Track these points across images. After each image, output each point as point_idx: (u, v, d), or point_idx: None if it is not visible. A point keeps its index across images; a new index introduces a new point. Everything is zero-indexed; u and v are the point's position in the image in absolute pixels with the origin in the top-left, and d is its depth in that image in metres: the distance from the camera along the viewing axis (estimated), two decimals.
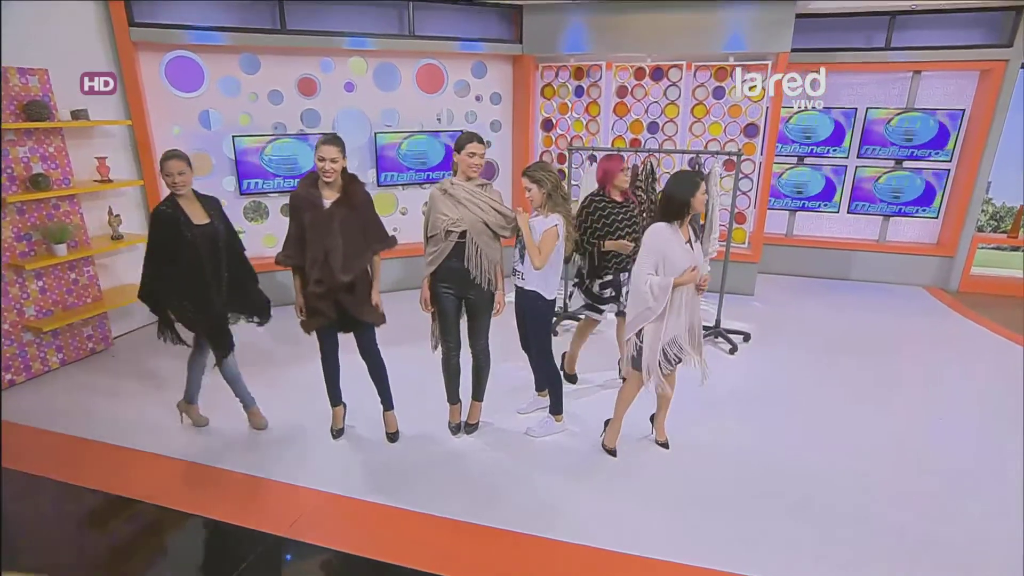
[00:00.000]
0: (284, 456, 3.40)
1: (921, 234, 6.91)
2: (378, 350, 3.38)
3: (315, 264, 3.04)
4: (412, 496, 3.05)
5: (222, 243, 3.20)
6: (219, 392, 3.59)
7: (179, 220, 3.07)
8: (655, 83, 6.03)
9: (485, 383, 3.57)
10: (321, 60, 5.57)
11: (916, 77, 6.40)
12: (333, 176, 3.01)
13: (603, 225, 3.72)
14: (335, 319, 3.18)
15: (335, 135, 3.08)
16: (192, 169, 3.15)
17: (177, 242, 3.07)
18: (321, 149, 2.98)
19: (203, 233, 3.12)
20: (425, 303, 3.33)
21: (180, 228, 3.06)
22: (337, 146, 3.00)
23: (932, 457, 3.43)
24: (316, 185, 3.07)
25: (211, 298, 3.22)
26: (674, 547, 2.70)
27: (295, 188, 3.14)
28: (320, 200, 3.05)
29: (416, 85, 6.03)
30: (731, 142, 5.90)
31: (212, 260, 3.16)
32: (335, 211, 3.04)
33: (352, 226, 3.08)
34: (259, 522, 2.87)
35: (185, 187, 3.10)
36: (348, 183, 3.10)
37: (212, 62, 5.16)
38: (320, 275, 3.05)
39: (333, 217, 3.03)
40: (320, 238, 3.02)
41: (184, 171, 3.06)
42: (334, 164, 2.99)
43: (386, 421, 3.57)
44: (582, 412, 3.79)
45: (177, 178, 3.05)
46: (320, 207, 3.04)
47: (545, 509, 2.97)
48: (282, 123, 5.59)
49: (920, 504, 3.01)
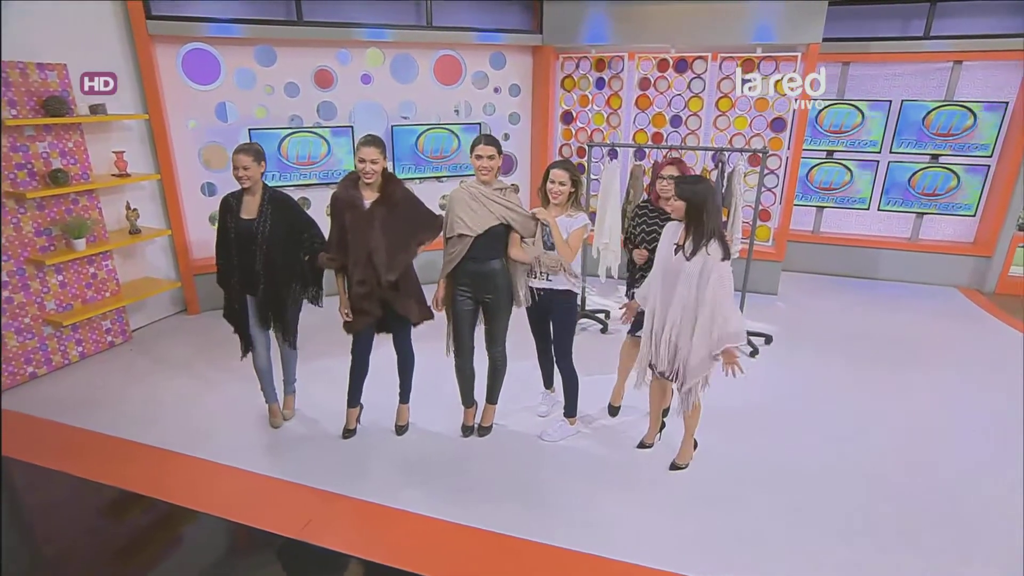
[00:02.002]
0: (297, 455, 3.40)
1: (957, 232, 6.62)
2: (411, 346, 3.44)
3: (358, 264, 3.08)
4: (423, 499, 3.03)
5: (262, 240, 3.18)
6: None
7: (230, 210, 3.21)
8: (679, 75, 5.85)
9: (500, 386, 3.53)
10: (338, 52, 5.51)
11: (956, 68, 6.09)
12: (374, 177, 3.05)
13: (640, 232, 3.45)
14: (381, 317, 3.22)
15: (375, 136, 3.10)
16: (261, 164, 3.17)
17: (224, 231, 3.24)
18: (362, 151, 3.02)
19: (244, 227, 3.19)
20: (438, 303, 3.28)
21: (227, 218, 3.22)
22: (378, 147, 3.03)
23: (955, 466, 3.29)
24: (356, 186, 3.12)
25: (234, 290, 3.32)
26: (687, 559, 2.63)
27: (335, 189, 3.20)
28: (360, 200, 3.09)
29: (434, 77, 5.94)
30: (756, 136, 5.70)
31: (245, 254, 3.21)
32: (376, 211, 3.08)
33: (394, 224, 3.10)
34: (271, 523, 2.87)
35: (249, 181, 3.13)
36: (387, 182, 3.12)
37: (228, 54, 5.13)
38: (363, 275, 3.08)
39: (374, 217, 3.07)
40: (362, 238, 3.06)
41: (248, 166, 3.10)
42: (374, 165, 3.02)
43: (399, 413, 3.60)
44: (592, 412, 3.76)
45: (241, 172, 3.10)
46: (360, 207, 3.08)
47: (564, 518, 2.92)
48: (299, 116, 5.55)
49: (940, 512, 2.90)
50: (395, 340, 3.41)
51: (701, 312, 2.80)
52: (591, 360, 4.12)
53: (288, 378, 3.72)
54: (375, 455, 3.43)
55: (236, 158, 3.08)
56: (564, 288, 3.21)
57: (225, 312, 3.45)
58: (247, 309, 3.36)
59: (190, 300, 5.36)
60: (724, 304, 2.75)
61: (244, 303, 3.35)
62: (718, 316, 2.76)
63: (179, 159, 5.12)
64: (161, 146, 4.89)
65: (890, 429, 3.68)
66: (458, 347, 3.34)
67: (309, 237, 3.33)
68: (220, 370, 4.29)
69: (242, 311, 3.36)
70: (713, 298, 2.74)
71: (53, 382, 4.18)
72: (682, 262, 2.83)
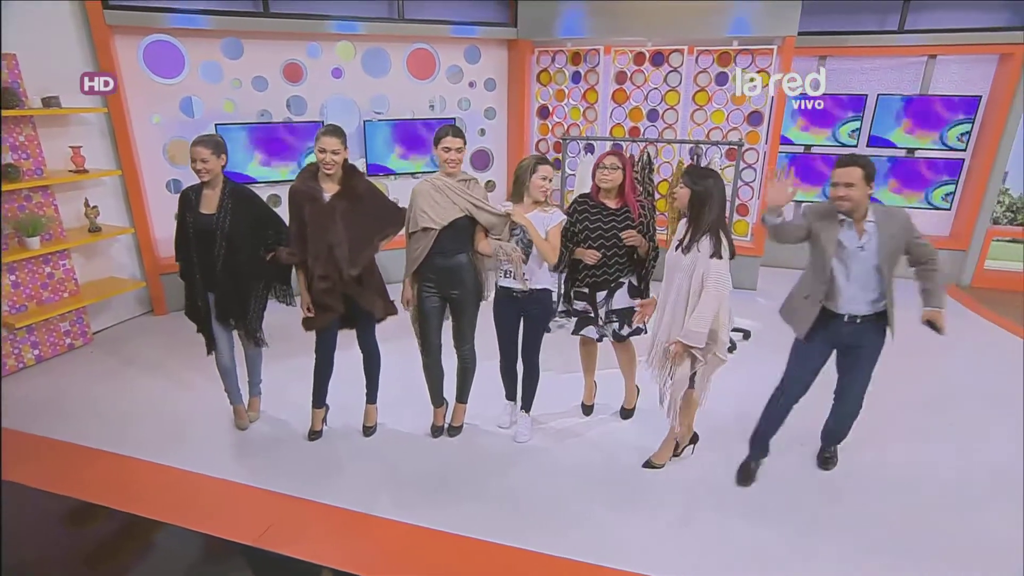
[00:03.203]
0: (261, 458, 3.28)
1: (933, 226, 6.62)
2: (376, 343, 3.33)
3: (318, 259, 2.97)
4: (389, 502, 2.93)
5: (222, 236, 3.05)
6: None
7: (189, 205, 3.08)
8: (655, 68, 5.79)
9: (470, 385, 3.43)
10: (307, 45, 5.37)
11: (931, 62, 6.10)
12: (334, 168, 2.95)
13: (583, 229, 3.19)
14: (343, 313, 3.12)
15: (336, 126, 2.99)
16: (221, 157, 3.03)
17: (183, 226, 3.12)
18: (322, 140, 2.90)
19: (203, 222, 3.06)
20: (406, 302, 3.18)
21: (186, 213, 3.09)
22: (338, 137, 2.93)
23: (935, 461, 3.26)
24: (316, 178, 3.00)
25: (195, 286, 3.19)
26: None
27: (293, 182, 3.07)
28: (320, 193, 2.98)
29: (407, 71, 5.82)
30: (734, 130, 5.66)
31: (205, 251, 3.08)
32: (336, 203, 2.97)
33: (356, 218, 3.00)
34: (227, 529, 2.74)
35: (208, 175, 2.99)
36: (348, 174, 3.02)
37: (193, 47, 4.97)
38: (324, 270, 2.97)
39: (335, 209, 2.96)
40: (323, 232, 2.95)
41: (207, 159, 2.96)
42: (335, 156, 2.92)
43: (366, 414, 3.49)
44: (565, 411, 3.69)
45: (199, 165, 2.96)
46: (320, 200, 2.97)
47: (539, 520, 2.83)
48: (267, 110, 5.41)
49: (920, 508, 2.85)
50: (359, 337, 3.31)
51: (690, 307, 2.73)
52: (567, 358, 4.02)
53: (253, 379, 3.60)
54: (341, 457, 3.32)
55: (194, 150, 2.95)
56: (541, 287, 3.11)
57: (187, 309, 3.33)
58: (209, 306, 3.24)
59: (156, 300, 5.19)
60: (705, 302, 2.66)
61: (206, 300, 3.22)
62: (694, 310, 2.68)
63: (143, 155, 4.95)
64: (122, 141, 4.71)
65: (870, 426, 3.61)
66: (425, 346, 3.24)
67: (274, 234, 3.21)
68: (186, 370, 4.14)
69: (204, 308, 3.24)
70: (705, 295, 2.65)
71: (6, 387, 4.00)
72: (680, 256, 2.75)
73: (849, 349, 2.83)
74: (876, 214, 2.64)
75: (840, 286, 2.68)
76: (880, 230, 2.61)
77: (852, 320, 2.73)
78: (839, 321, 2.75)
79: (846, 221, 2.64)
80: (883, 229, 2.61)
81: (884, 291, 2.68)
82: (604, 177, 3.10)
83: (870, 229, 2.62)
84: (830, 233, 2.66)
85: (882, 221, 2.62)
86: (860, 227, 2.63)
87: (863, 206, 2.61)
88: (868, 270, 2.64)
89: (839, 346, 2.84)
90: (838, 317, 2.74)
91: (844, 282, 2.67)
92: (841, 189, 2.57)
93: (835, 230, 2.65)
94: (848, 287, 2.67)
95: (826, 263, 2.67)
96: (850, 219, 2.63)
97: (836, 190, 2.59)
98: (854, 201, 2.56)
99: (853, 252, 2.63)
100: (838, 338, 2.79)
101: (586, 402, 3.70)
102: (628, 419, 3.61)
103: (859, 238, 2.63)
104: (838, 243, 2.64)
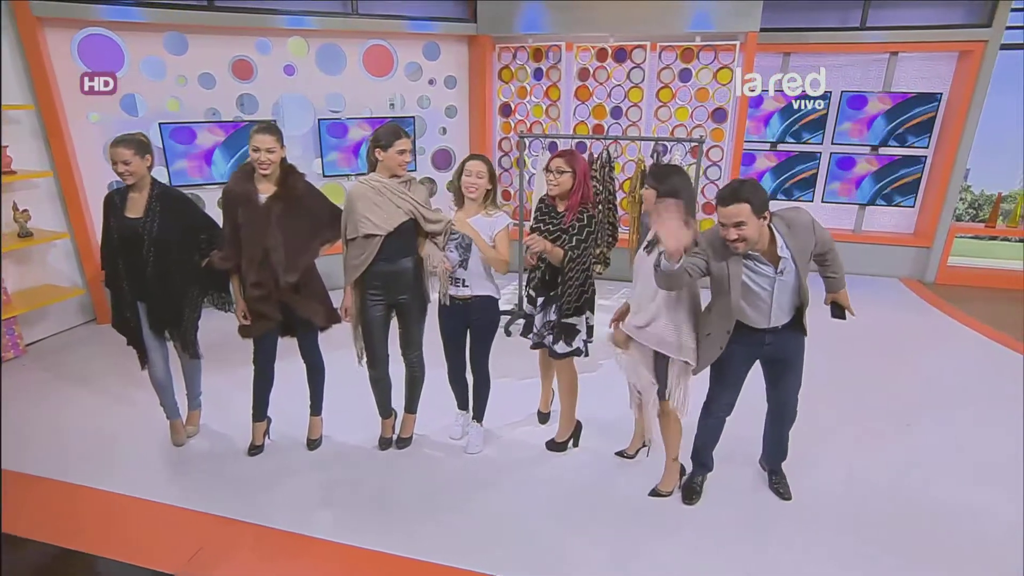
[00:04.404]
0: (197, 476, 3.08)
1: (898, 224, 6.65)
2: (320, 353, 3.17)
3: (252, 265, 2.80)
4: (332, 522, 2.76)
5: (150, 242, 2.85)
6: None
7: (114, 208, 2.90)
8: (618, 65, 5.69)
9: (419, 395, 3.27)
10: (256, 40, 5.15)
11: (893, 59, 6.10)
12: (270, 168, 2.78)
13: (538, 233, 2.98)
14: (281, 320, 2.95)
15: (270, 123, 2.83)
16: (146, 157, 2.82)
17: (108, 231, 2.94)
18: (256, 139, 2.72)
19: (129, 227, 2.85)
20: (345, 312, 3.00)
21: (111, 218, 2.91)
22: (274, 135, 2.77)
23: (899, 460, 3.19)
24: (251, 178, 2.83)
25: (123, 296, 2.99)
26: None
27: (227, 182, 2.92)
28: (255, 194, 2.81)
29: (363, 68, 5.63)
30: (698, 127, 5.59)
31: (133, 257, 2.89)
32: (273, 205, 2.81)
33: (294, 221, 2.83)
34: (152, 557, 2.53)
35: (132, 177, 2.79)
36: (286, 174, 2.85)
37: (133, 41, 4.71)
38: (258, 277, 2.81)
39: (271, 212, 2.79)
40: (257, 236, 2.78)
41: (129, 160, 2.75)
42: (271, 155, 2.75)
43: (311, 426, 3.32)
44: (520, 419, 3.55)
45: (121, 167, 2.76)
46: (255, 202, 2.81)
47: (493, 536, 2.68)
48: (216, 109, 5.18)
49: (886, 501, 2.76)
50: (301, 347, 3.13)
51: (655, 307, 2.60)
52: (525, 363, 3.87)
53: (191, 391, 3.40)
54: (283, 473, 3.12)
55: (114, 151, 2.74)
56: (485, 294, 2.93)
57: (114, 321, 3.11)
58: (140, 317, 3.03)
59: (100, 308, 4.92)
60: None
61: (136, 310, 3.02)
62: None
63: (81, 155, 4.69)
64: (56, 141, 4.45)
65: (835, 429, 3.54)
66: (372, 357, 3.07)
67: (208, 238, 3.01)
68: (125, 383, 3.87)
69: (134, 319, 3.03)
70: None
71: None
72: (645, 256, 2.61)
73: (775, 358, 2.62)
74: (782, 234, 2.36)
75: (762, 308, 2.45)
76: (792, 247, 2.36)
77: (773, 329, 2.51)
78: (760, 334, 2.52)
79: (752, 253, 2.37)
80: (794, 244, 2.36)
81: (803, 295, 2.48)
82: (550, 181, 2.83)
83: (784, 254, 2.36)
84: (736, 268, 2.38)
85: (789, 238, 2.36)
86: (774, 256, 2.37)
87: (764, 238, 2.33)
88: (791, 288, 2.43)
89: (762, 356, 2.62)
90: (758, 331, 2.51)
91: (766, 304, 2.44)
92: (732, 231, 2.26)
93: (740, 265, 2.38)
94: (771, 307, 2.44)
95: (731, 304, 2.42)
96: (756, 253, 2.37)
97: (726, 232, 2.29)
98: (750, 241, 2.28)
99: (772, 279, 2.39)
100: (760, 350, 2.58)
101: (542, 409, 3.55)
102: (556, 451, 3.27)
103: (775, 267, 2.37)
104: (753, 272, 2.39)
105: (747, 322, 2.50)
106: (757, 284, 2.41)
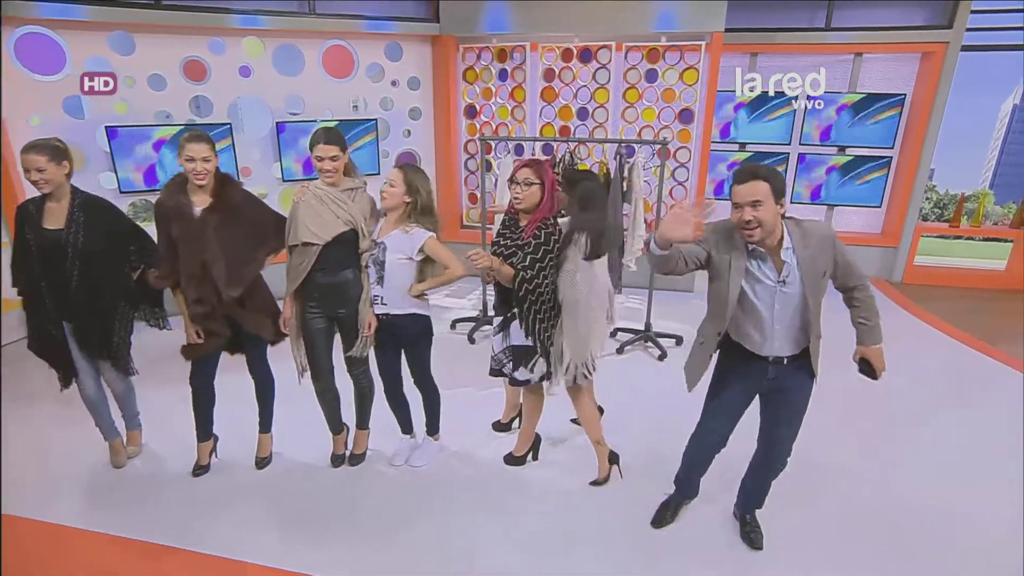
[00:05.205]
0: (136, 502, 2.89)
1: (866, 224, 6.68)
2: (268, 367, 3.02)
3: (192, 281, 2.65)
4: (279, 546, 2.60)
5: (74, 255, 2.66)
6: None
7: (30, 220, 2.67)
8: (584, 65, 5.61)
9: (370, 409, 3.12)
10: (209, 40, 4.97)
11: (858, 60, 6.12)
12: (206, 179, 2.62)
13: (496, 251, 2.74)
14: (229, 335, 2.80)
15: (202, 131, 2.65)
16: (63, 164, 2.61)
17: (23, 245, 2.70)
18: (189, 148, 2.56)
19: (49, 239, 2.65)
20: (285, 323, 2.85)
21: (25, 230, 2.68)
22: (207, 143, 2.62)
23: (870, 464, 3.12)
24: (184, 190, 2.66)
25: (45, 315, 2.75)
26: None
27: (159, 195, 2.72)
28: (190, 208, 2.64)
29: (323, 69, 5.47)
30: (665, 128, 5.53)
31: (54, 272, 2.68)
32: (208, 218, 2.65)
33: (233, 233, 2.68)
34: None
35: (48, 186, 2.58)
36: (222, 184, 2.69)
37: (75, 40, 4.50)
38: (199, 293, 2.65)
39: (207, 225, 2.64)
40: (195, 251, 2.64)
41: (43, 167, 2.53)
42: (206, 164, 2.60)
43: (260, 444, 3.16)
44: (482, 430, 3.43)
45: (34, 175, 2.54)
46: (190, 215, 2.64)
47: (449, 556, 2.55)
48: (168, 111, 4.98)
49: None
50: (248, 362, 2.97)
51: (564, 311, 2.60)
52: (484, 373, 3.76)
53: (127, 412, 3.20)
54: (229, 494, 2.95)
55: (26, 158, 2.53)
56: (406, 312, 2.74)
57: (31, 342, 2.86)
58: (66, 335, 2.83)
59: None
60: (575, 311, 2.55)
61: (61, 329, 2.81)
62: None
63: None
64: None
65: None
66: (315, 370, 2.92)
67: (138, 249, 2.84)
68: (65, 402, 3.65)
69: (59, 337, 2.82)
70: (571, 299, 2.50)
71: None
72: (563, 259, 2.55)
73: (774, 395, 2.33)
74: (792, 236, 2.12)
75: (762, 326, 2.18)
76: (799, 255, 2.10)
77: (778, 361, 2.23)
78: (762, 363, 2.25)
79: (758, 251, 2.12)
80: (804, 254, 2.10)
81: (813, 324, 2.18)
82: (516, 193, 2.59)
83: (790, 259, 2.10)
84: (738, 264, 2.13)
85: (799, 243, 2.10)
86: (778, 259, 2.11)
87: (777, 231, 2.08)
88: (794, 306, 2.14)
89: (762, 391, 2.34)
90: (760, 359, 2.24)
91: (767, 322, 2.16)
92: (747, 211, 2.01)
93: (743, 261, 2.13)
94: (772, 327, 2.17)
95: (727, 304, 2.16)
96: (762, 249, 2.12)
97: (741, 213, 2.03)
98: (766, 226, 2.02)
99: (773, 289, 2.12)
100: (761, 382, 2.29)
101: (503, 420, 3.43)
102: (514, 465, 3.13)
103: (779, 272, 2.11)
104: (755, 279, 2.14)
105: (746, 344, 2.24)
106: (756, 294, 2.15)
